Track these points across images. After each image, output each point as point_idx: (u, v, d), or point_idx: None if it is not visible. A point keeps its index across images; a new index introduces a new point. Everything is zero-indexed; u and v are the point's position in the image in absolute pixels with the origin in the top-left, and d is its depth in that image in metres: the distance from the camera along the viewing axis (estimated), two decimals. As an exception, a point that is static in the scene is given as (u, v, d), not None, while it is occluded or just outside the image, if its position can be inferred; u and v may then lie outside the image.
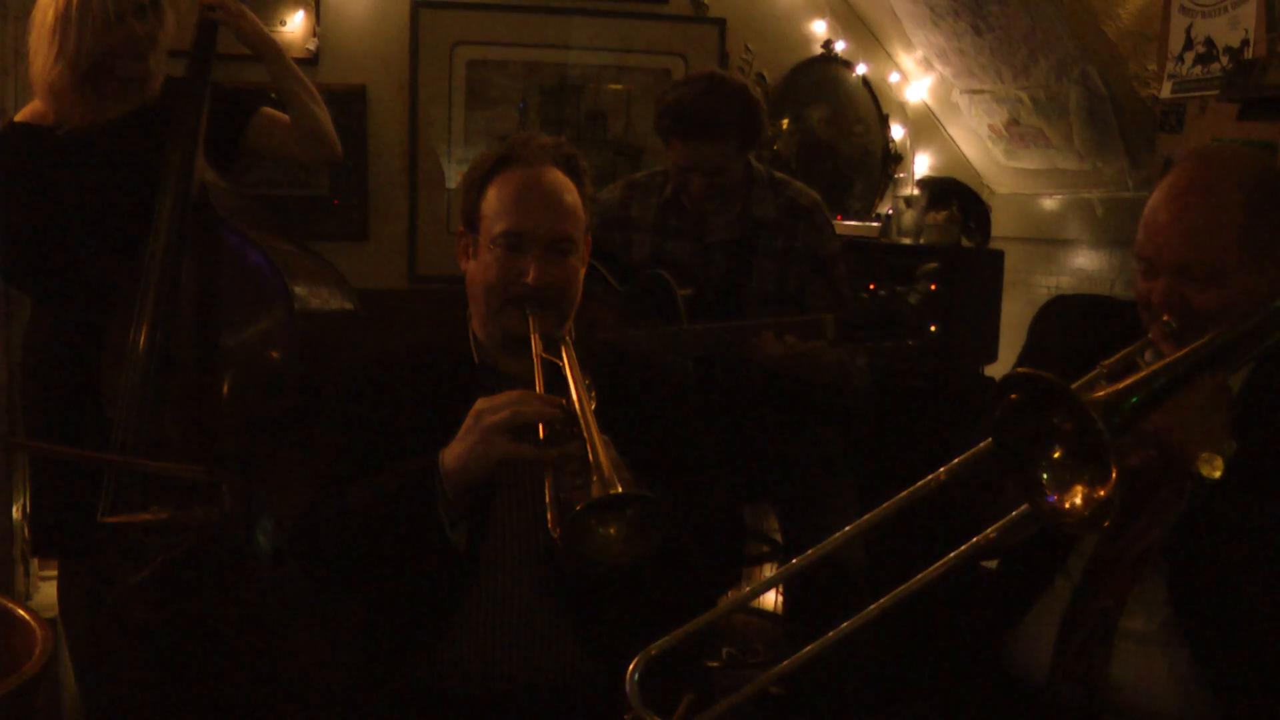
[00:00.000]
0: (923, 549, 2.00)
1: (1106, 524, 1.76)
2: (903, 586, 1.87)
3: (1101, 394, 1.79)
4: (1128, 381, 1.83)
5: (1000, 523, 1.92)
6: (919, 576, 1.87)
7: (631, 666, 1.79)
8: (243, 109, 3.41)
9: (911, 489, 1.91)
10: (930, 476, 1.91)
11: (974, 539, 1.91)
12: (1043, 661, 2.14)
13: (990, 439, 1.83)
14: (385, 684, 2.25)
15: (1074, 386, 1.79)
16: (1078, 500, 1.74)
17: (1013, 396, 1.77)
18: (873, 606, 1.87)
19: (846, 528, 1.93)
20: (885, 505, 1.91)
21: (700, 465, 2.38)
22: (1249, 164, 2.08)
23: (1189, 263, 2.01)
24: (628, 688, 1.78)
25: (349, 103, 4.50)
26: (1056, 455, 1.77)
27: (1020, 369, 1.79)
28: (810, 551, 1.93)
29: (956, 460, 1.92)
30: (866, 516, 1.92)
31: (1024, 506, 1.89)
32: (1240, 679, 1.98)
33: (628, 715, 1.78)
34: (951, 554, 1.89)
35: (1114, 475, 1.68)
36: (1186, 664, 2.01)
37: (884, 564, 3.11)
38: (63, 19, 3.07)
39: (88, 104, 3.18)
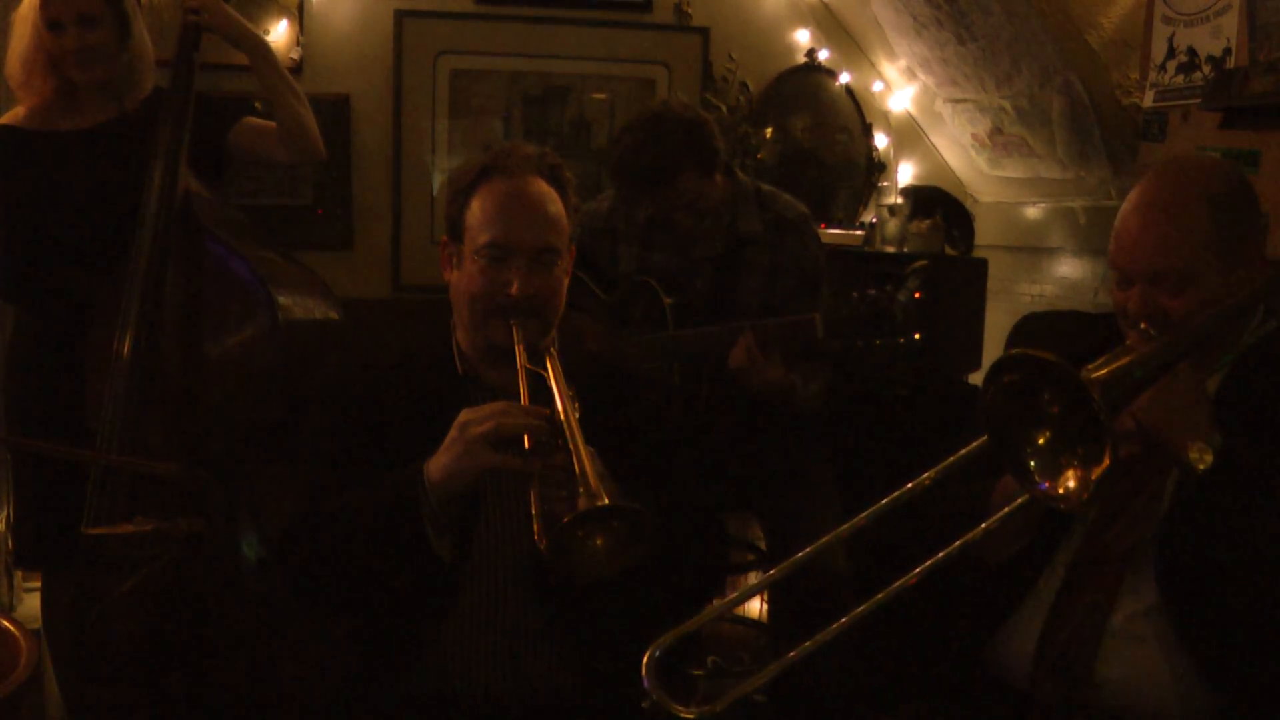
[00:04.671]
0: (906, 556, 2.01)
1: (1095, 513, 1.77)
2: (893, 586, 1.89)
3: (1101, 373, 1.82)
4: (1124, 360, 1.86)
5: (996, 516, 1.94)
6: (907, 576, 1.90)
7: (647, 655, 1.80)
8: (225, 117, 3.41)
9: (902, 489, 1.93)
10: (921, 476, 1.93)
11: (967, 535, 1.93)
12: (1027, 661, 2.16)
13: (985, 436, 1.85)
14: (371, 695, 2.25)
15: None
16: (1071, 483, 1.78)
17: (1006, 379, 1.80)
18: (861, 608, 1.89)
19: (834, 531, 1.95)
20: (873, 508, 1.92)
21: (684, 474, 2.38)
22: (1214, 172, 2.15)
23: (1161, 271, 2.07)
24: (644, 672, 1.79)
25: (333, 112, 4.50)
26: (1042, 441, 1.80)
27: (1015, 350, 1.82)
28: (798, 555, 1.95)
29: (949, 459, 1.94)
30: (855, 519, 1.94)
31: (1021, 499, 1.92)
32: (1232, 672, 2.00)
33: (646, 703, 1.78)
34: (943, 552, 1.91)
35: (1108, 450, 1.71)
36: (1182, 659, 2.03)
37: (867, 571, 3.11)
38: (20, 20, 3.16)
39: (60, 107, 3.20)
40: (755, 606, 4.55)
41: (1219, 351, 2.11)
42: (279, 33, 4.45)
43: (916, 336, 3.05)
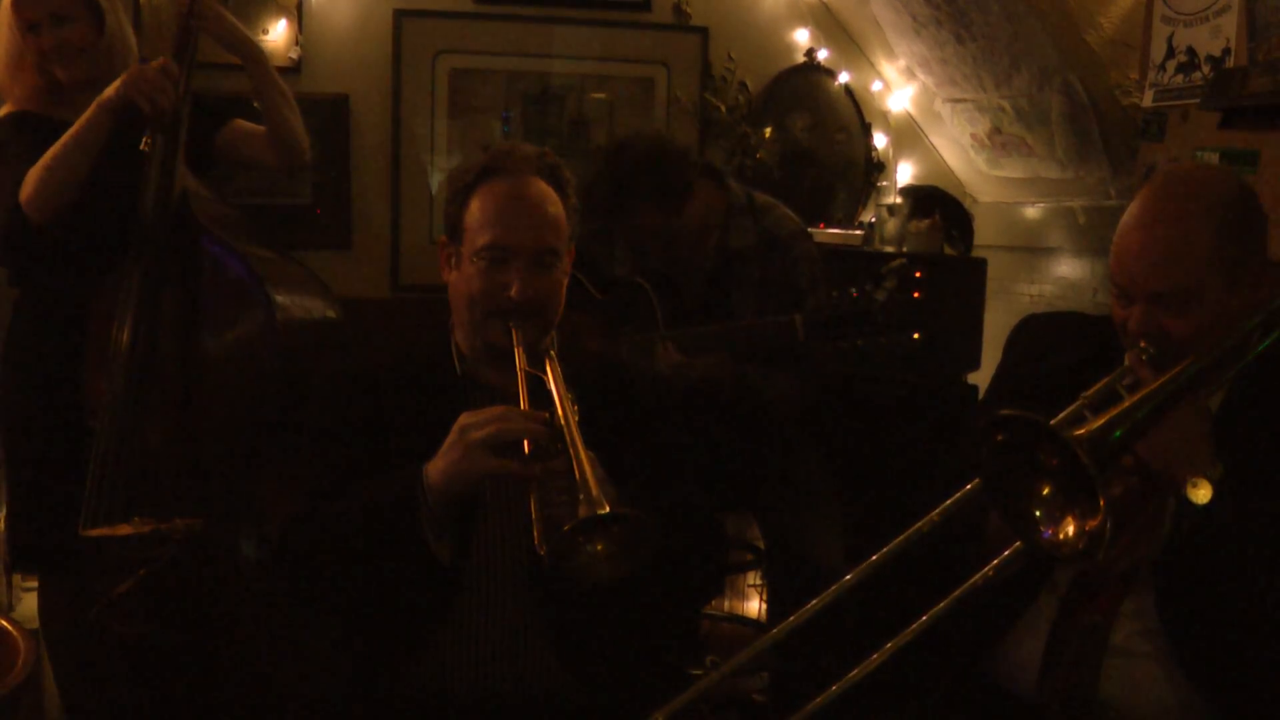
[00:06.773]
0: (905, 560, 2.00)
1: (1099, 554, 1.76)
2: (897, 639, 1.91)
3: (1084, 431, 1.78)
4: (1109, 415, 1.82)
5: (995, 562, 1.93)
6: (918, 623, 1.91)
7: None
8: (215, 117, 3.41)
9: (902, 535, 1.93)
10: (920, 521, 1.92)
11: (967, 582, 1.93)
12: (1028, 675, 2.14)
13: (979, 480, 1.83)
14: (369, 697, 2.24)
15: (1056, 420, 1.81)
16: (1070, 532, 1.75)
17: (998, 438, 1.78)
18: (874, 656, 1.91)
19: (841, 581, 1.96)
20: (877, 555, 1.92)
21: (683, 475, 2.37)
22: (1216, 185, 2.08)
23: (1162, 291, 2.02)
24: None
25: (332, 111, 4.50)
26: (1046, 492, 1.77)
27: (1004, 411, 1.78)
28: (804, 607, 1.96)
29: (948, 502, 1.93)
30: (859, 568, 1.94)
31: (1016, 545, 1.90)
32: (1231, 691, 1.98)
33: None
34: (945, 601, 1.92)
35: (1102, 507, 1.68)
36: (1183, 677, 2.02)
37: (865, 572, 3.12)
38: None
39: (50, 102, 3.19)
40: (754, 607, 4.56)
41: (1222, 373, 2.06)
42: (278, 32, 4.44)
43: (915, 336, 3.05)
